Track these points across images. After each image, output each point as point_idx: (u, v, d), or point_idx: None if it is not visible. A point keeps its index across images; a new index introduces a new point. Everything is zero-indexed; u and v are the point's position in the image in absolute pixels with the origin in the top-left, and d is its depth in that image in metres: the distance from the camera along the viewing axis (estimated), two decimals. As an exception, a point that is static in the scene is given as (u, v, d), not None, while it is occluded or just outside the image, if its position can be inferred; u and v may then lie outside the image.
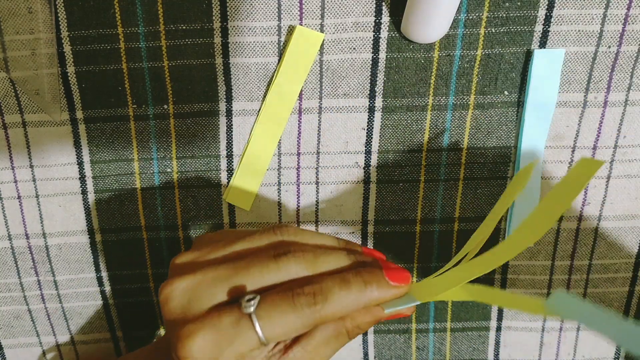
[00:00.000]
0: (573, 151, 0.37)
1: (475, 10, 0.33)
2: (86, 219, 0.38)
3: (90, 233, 0.38)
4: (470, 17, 0.34)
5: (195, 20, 0.34)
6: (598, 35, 0.34)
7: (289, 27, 0.34)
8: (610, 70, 0.35)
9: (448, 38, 0.34)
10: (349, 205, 0.38)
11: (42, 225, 0.38)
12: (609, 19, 0.34)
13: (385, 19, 0.34)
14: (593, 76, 0.35)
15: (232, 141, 0.37)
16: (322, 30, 0.34)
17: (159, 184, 0.37)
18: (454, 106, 0.36)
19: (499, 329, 0.42)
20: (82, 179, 0.37)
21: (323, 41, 0.34)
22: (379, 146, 0.37)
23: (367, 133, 0.37)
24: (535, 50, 0.34)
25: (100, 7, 0.33)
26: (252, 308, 0.26)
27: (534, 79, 0.35)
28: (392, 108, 0.36)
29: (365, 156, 0.37)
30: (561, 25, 0.34)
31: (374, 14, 0.34)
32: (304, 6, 0.33)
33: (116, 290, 0.40)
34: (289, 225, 0.30)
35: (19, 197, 0.37)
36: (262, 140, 0.36)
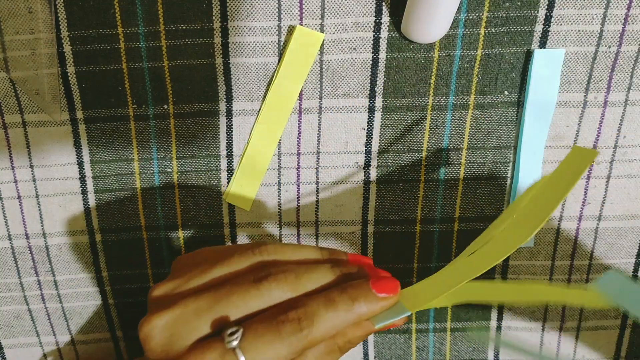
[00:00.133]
0: (573, 151, 0.37)
1: (475, 10, 0.34)
2: (86, 219, 0.38)
3: (90, 233, 0.38)
4: (470, 17, 0.34)
5: (195, 20, 0.34)
6: (598, 35, 0.34)
7: (289, 27, 0.34)
8: (610, 70, 0.35)
9: (448, 38, 0.34)
10: (349, 205, 0.38)
11: (42, 225, 0.38)
12: (609, 19, 0.34)
13: (385, 19, 0.34)
14: (593, 76, 0.35)
15: (232, 141, 0.37)
16: (322, 30, 0.34)
17: (159, 184, 0.37)
18: (454, 106, 0.36)
19: (499, 329, 0.42)
20: (82, 179, 0.37)
21: (323, 41, 0.34)
22: (379, 146, 0.37)
23: (367, 133, 0.37)
24: (535, 50, 0.34)
25: (100, 7, 0.33)
26: (236, 342, 0.25)
27: (534, 79, 0.35)
28: (392, 108, 0.36)
29: (365, 156, 0.37)
30: (561, 25, 0.34)
31: (374, 14, 0.34)
32: (304, 6, 0.33)
33: (116, 290, 0.40)
34: (268, 242, 0.29)
35: (19, 197, 0.37)
36: (262, 140, 0.36)
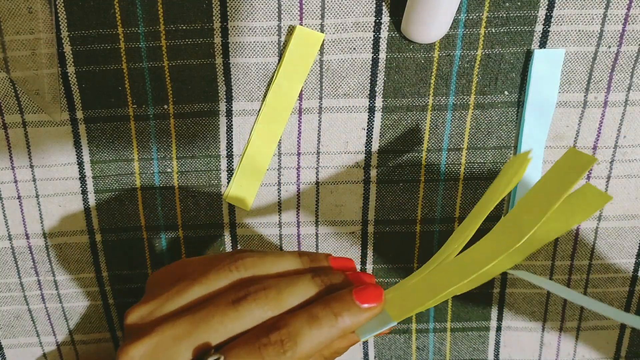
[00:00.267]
0: (573, 151, 0.37)
1: (475, 10, 0.33)
2: (86, 219, 0.38)
3: (90, 233, 0.38)
4: (470, 17, 0.34)
5: (195, 20, 0.34)
6: (598, 35, 0.34)
7: (289, 27, 0.34)
8: (610, 70, 0.35)
9: (448, 38, 0.34)
10: (349, 205, 0.38)
11: (42, 225, 0.38)
12: (609, 19, 0.34)
13: (385, 19, 0.34)
14: (593, 76, 0.35)
15: (232, 141, 0.37)
16: (322, 30, 0.34)
17: (159, 184, 0.37)
18: (454, 106, 0.36)
19: (499, 329, 0.42)
20: (82, 179, 0.37)
21: (323, 41, 0.34)
22: (379, 146, 0.37)
23: (367, 133, 0.36)
24: (535, 50, 0.34)
25: (100, 7, 0.33)
26: None
27: (534, 79, 0.35)
28: (392, 108, 0.36)
29: (365, 156, 0.37)
30: (561, 25, 0.34)
31: (374, 14, 0.34)
32: (304, 6, 0.33)
33: (116, 290, 0.40)
34: (246, 253, 0.28)
35: (19, 197, 0.37)
36: (262, 140, 0.36)
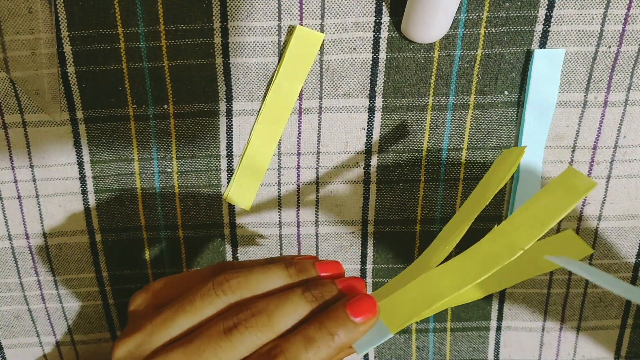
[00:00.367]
0: (573, 151, 0.37)
1: (475, 10, 0.33)
2: (86, 219, 0.38)
3: (90, 233, 0.38)
4: (470, 17, 0.34)
5: (195, 20, 0.34)
6: (598, 35, 0.34)
7: (289, 27, 0.34)
8: (610, 70, 0.35)
9: (448, 38, 0.34)
10: (349, 205, 0.38)
11: (42, 225, 0.38)
12: (609, 19, 0.34)
13: (385, 19, 0.34)
14: (593, 76, 0.35)
15: (232, 141, 0.37)
16: (322, 30, 0.34)
17: (159, 184, 0.37)
18: (454, 106, 0.36)
19: (499, 329, 0.42)
20: (82, 179, 0.37)
21: (323, 41, 0.34)
22: (379, 146, 0.37)
23: (367, 133, 0.36)
24: (535, 50, 0.34)
25: (100, 7, 0.33)
26: None
27: (534, 79, 0.35)
28: (392, 108, 0.36)
29: (365, 156, 0.37)
30: (561, 25, 0.34)
31: (374, 14, 0.34)
32: (304, 6, 0.33)
33: (116, 290, 0.40)
34: (229, 275, 0.27)
35: (19, 197, 0.37)
36: (262, 140, 0.36)
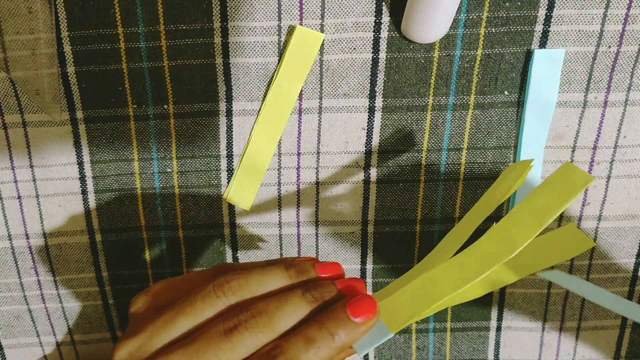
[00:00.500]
0: (573, 151, 0.37)
1: (475, 10, 0.34)
2: (86, 219, 0.38)
3: (90, 233, 0.39)
4: (470, 17, 0.34)
5: (195, 20, 0.34)
6: (598, 35, 0.34)
7: (289, 27, 0.34)
8: (610, 70, 0.35)
9: (448, 38, 0.34)
10: (349, 205, 0.38)
11: (42, 225, 0.38)
12: (609, 19, 0.34)
13: (385, 19, 0.34)
14: (593, 76, 0.35)
15: (232, 141, 0.37)
16: (322, 30, 0.34)
17: (159, 184, 0.37)
18: (454, 106, 0.36)
19: (499, 329, 0.42)
20: (82, 179, 0.37)
21: (323, 41, 0.34)
22: (379, 146, 0.37)
23: (367, 133, 0.37)
24: (535, 50, 0.34)
25: (100, 7, 0.33)
26: None
27: (534, 79, 0.35)
28: (392, 108, 0.36)
29: (365, 156, 0.37)
30: (561, 25, 0.34)
31: (374, 14, 0.34)
32: (304, 6, 0.33)
33: (116, 290, 0.40)
34: (229, 277, 0.27)
35: (19, 197, 0.37)
36: (262, 140, 0.36)
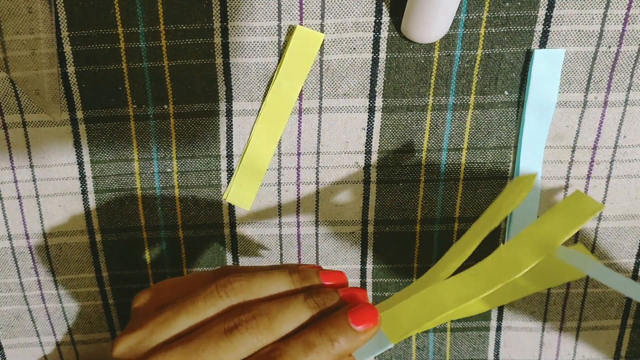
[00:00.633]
0: (573, 151, 0.37)
1: (475, 10, 0.34)
2: (86, 219, 0.38)
3: (90, 233, 0.38)
4: (470, 17, 0.34)
5: (195, 20, 0.34)
6: (598, 35, 0.34)
7: (289, 27, 0.34)
8: (610, 70, 0.35)
9: (448, 38, 0.34)
10: (349, 205, 0.38)
11: (42, 225, 0.38)
12: (609, 19, 0.34)
13: (385, 19, 0.34)
14: (593, 76, 0.35)
15: (232, 141, 0.37)
16: (322, 30, 0.34)
17: (159, 184, 0.37)
18: (454, 106, 0.36)
19: (499, 329, 0.42)
20: (82, 179, 0.37)
21: (323, 41, 0.34)
22: (379, 146, 0.37)
23: (367, 133, 0.37)
24: (535, 50, 0.34)
25: (100, 7, 0.33)
26: None
27: (534, 79, 0.35)
28: (392, 108, 0.36)
29: (365, 156, 0.37)
30: (561, 25, 0.34)
31: (374, 14, 0.34)
32: (304, 6, 0.33)
33: (116, 290, 0.40)
34: (233, 277, 0.27)
35: (19, 197, 0.37)
36: (262, 140, 0.36)
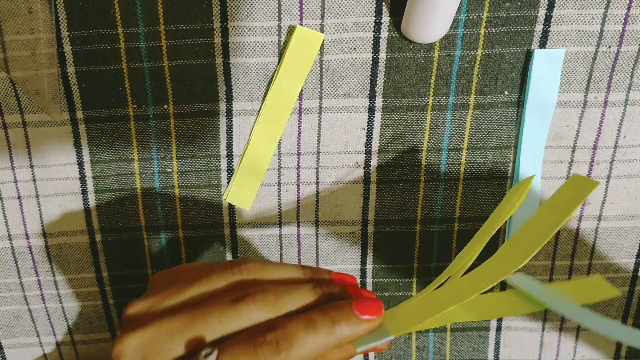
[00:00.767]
0: (573, 151, 0.37)
1: (475, 10, 0.34)
2: (86, 219, 0.38)
3: (90, 233, 0.38)
4: (470, 17, 0.34)
5: (195, 20, 0.34)
6: (598, 35, 0.34)
7: (289, 27, 0.34)
8: (610, 70, 0.35)
9: (448, 38, 0.34)
10: (349, 205, 0.38)
11: (42, 225, 0.38)
12: (609, 19, 0.34)
13: (385, 19, 0.34)
14: (593, 76, 0.35)
15: (232, 141, 0.37)
16: (322, 30, 0.34)
17: (159, 184, 0.37)
18: (454, 106, 0.36)
19: (499, 329, 0.42)
20: (82, 179, 0.37)
21: (323, 41, 0.34)
22: (379, 146, 0.37)
23: (367, 133, 0.37)
24: (535, 50, 0.34)
25: (100, 7, 0.33)
26: None
27: (534, 79, 0.35)
28: (392, 108, 0.36)
29: (365, 156, 0.37)
30: (561, 25, 0.34)
31: (374, 14, 0.34)
32: (304, 6, 0.33)
33: (116, 290, 0.40)
34: (249, 260, 0.28)
35: (19, 197, 0.37)
36: (262, 140, 0.36)
